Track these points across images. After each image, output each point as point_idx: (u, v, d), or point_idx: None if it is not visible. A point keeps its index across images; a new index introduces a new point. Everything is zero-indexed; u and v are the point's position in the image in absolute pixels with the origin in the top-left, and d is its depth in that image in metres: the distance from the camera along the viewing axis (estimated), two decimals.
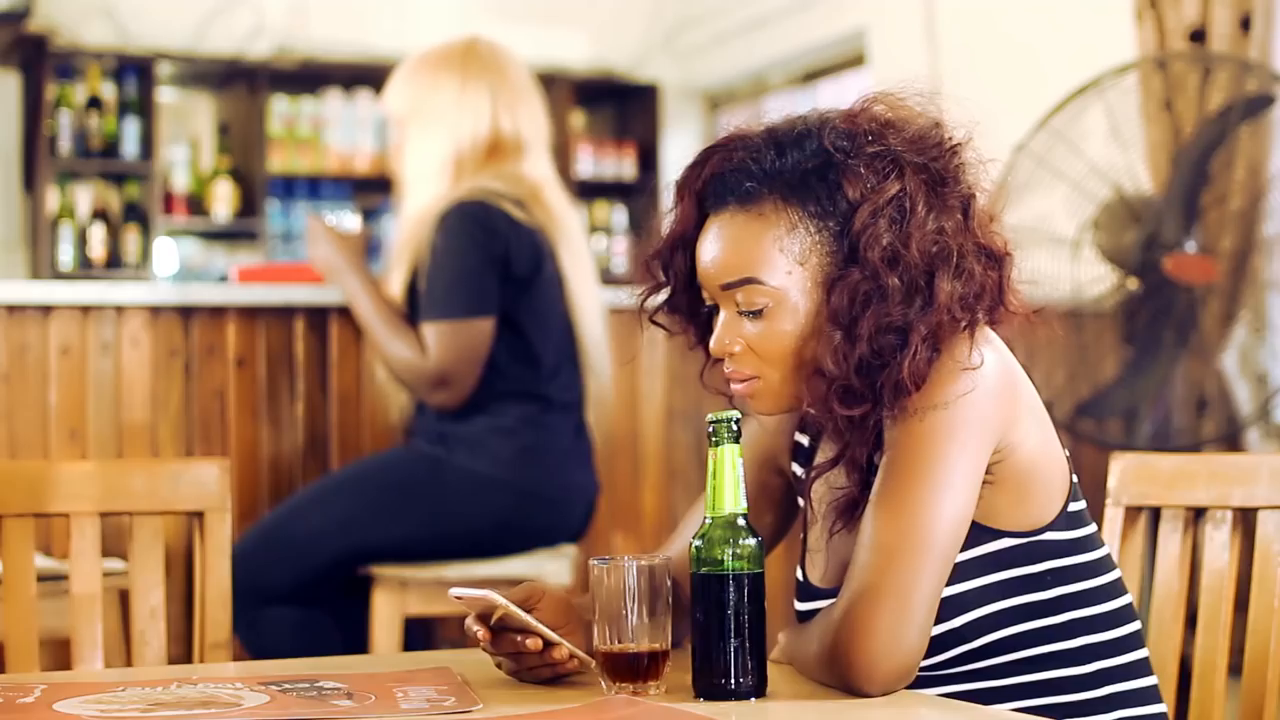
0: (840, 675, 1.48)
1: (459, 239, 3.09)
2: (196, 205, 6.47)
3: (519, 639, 1.54)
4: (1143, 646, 1.65)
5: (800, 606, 1.68)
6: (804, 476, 1.70)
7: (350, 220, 3.12)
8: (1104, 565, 1.63)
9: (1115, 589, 1.63)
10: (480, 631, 1.54)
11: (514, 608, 1.53)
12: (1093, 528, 1.64)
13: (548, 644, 1.53)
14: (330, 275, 3.26)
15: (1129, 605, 1.64)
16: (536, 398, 3.17)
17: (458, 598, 1.55)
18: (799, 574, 1.69)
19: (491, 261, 3.10)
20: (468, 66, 3.23)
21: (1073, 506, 1.61)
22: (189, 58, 6.33)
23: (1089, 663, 1.59)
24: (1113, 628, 1.61)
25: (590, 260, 3.29)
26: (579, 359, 3.24)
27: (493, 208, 3.12)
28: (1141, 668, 1.64)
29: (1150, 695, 1.64)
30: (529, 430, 3.16)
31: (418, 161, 3.23)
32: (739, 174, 1.59)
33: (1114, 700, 1.60)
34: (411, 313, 3.18)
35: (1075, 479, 1.64)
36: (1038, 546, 1.58)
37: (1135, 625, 1.64)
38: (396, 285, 3.20)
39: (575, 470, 3.22)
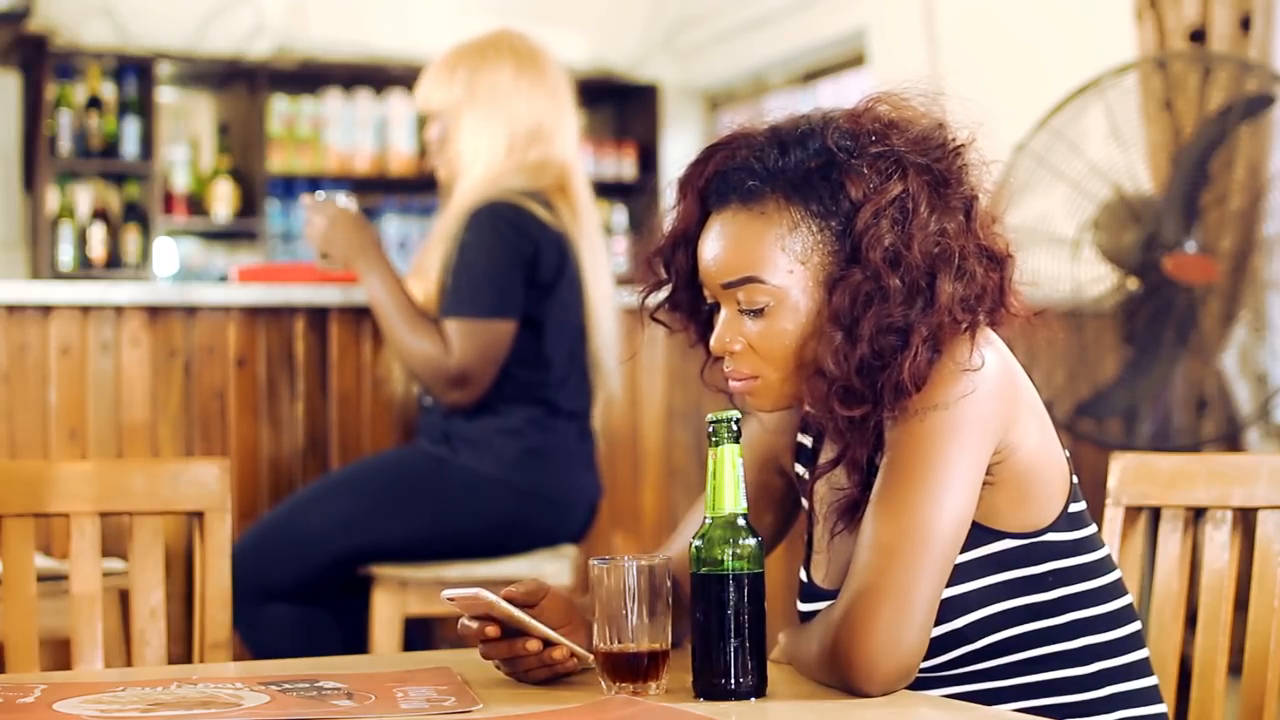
0: (840, 675, 1.48)
1: (489, 237, 3.08)
2: (196, 205, 6.47)
3: (517, 643, 1.53)
4: (1143, 647, 1.65)
5: (803, 607, 1.68)
6: (807, 477, 1.70)
7: (345, 199, 3.06)
8: (1105, 566, 1.63)
9: (1116, 589, 1.63)
10: (490, 627, 1.54)
11: (507, 606, 1.52)
12: (1093, 528, 1.64)
13: (546, 643, 1.53)
14: (347, 261, 3.16)
15: (1129, 606, 1.64)
16: (542, 402, 3.17)
17: (450, 599, 1.55)
18: (802, 575, 1.69)
19: (519, 263, 3.09)
20: (517, 54, 3.23)
21: (1073, 508, 1.61)
22: (189, 58, 6.33)
23: (1090, 663, 1.59)
24: (1114, 628, 1.61)
25: (607, 261, 3.28)
26: (588, 365, 3.23)
27: (523, 210, 3.10)
28: (1142, 668, 1.64)
29: (1151, 695, 1.64)
30: (534, 432, 3.15)
31: (474, 149, 3.20)
32: (742, 172, 1.59)
33: (1115, 700, 1.60)
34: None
35: (1075, 480, 1.64)
36: (1039, 547, 1.58)
37: (1136, 626, 1.64)
38: (431, 277, 3.17)
39: (579, 473, 3.22)
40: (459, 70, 3.22)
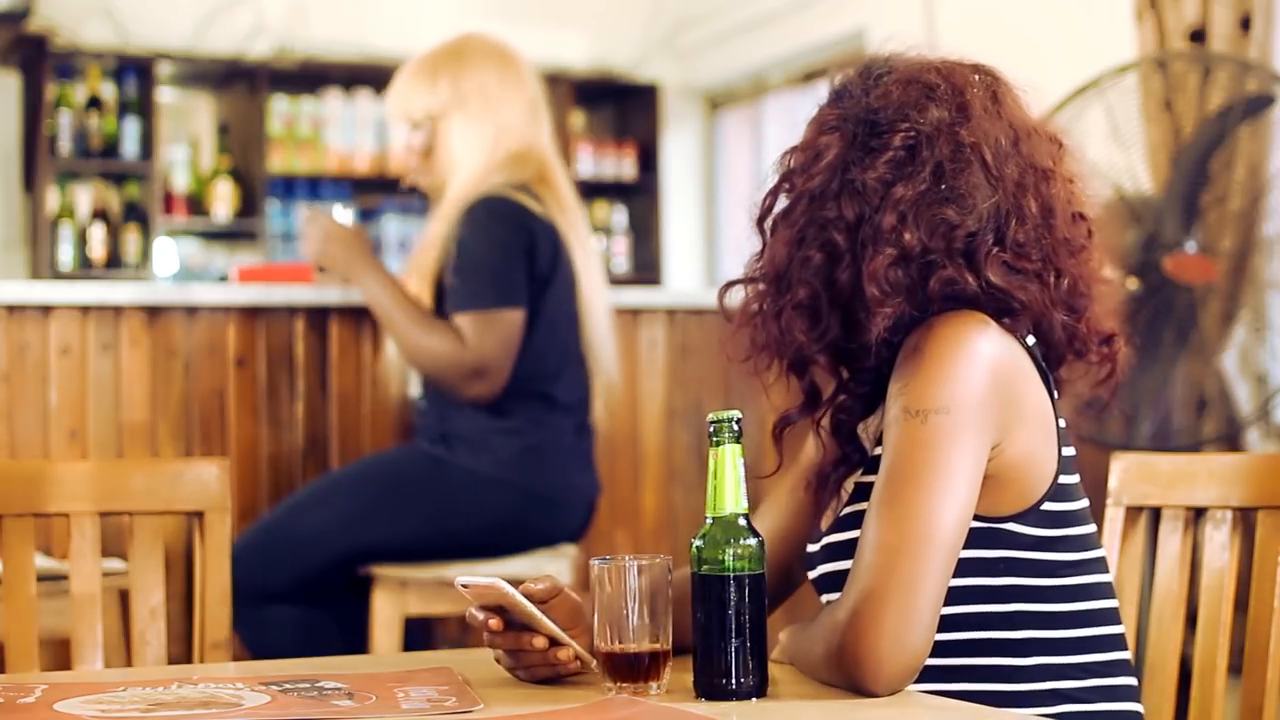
0: (847, 675, 1.48)
1: (488, 231, 3.09)
2: (196, 205, 6.47)
3: (524, 637, 1.54)
4: (1119, 649, 1.65)
5: (812, 547, 1.72)
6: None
7: (343, 213, 3.08)
8: (1078, 568, 1.62)
9: (1085, 592, 1.63)
10: (493, 620, 1.54)
11: (521, 598, 1.52)
12: (1075, 530, 1.63)
13: (552, 642, 1.53)
14: (344, 272, 3.22)
15: (1106, 609, 1.64)
16: (540, 396, 3.17)
17: (464, 586, 1.55)
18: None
19: (520, 253, 3.11)
20: (493, 54, 3.24)
21: (1050, 506, 1.61)
22: (189, 58, 6.33)
23: (1030, 656, 1.59)
24: (1071, 627, 1.61)
25: (598, 255, 3.30)
26: (584, 358, 3.24)
27: (515, 202, 3.12)
28: (1117, 668, 1.63)
29: (1120, 693, 1.63)
30: (531, 430, 3.15)
31: (465, 149, 3.21)
32: None
33: (1052, 695, 1.60)
34: (438, 307, 3.16)
35: (1073, 480, 1.63)
36: (996, 533, 1.59)
37: (1111, 629, 1.64)
38: (427, 279, 3.18)
39: (576, 471, 3.22)
40: (441, 76, 3.22)
